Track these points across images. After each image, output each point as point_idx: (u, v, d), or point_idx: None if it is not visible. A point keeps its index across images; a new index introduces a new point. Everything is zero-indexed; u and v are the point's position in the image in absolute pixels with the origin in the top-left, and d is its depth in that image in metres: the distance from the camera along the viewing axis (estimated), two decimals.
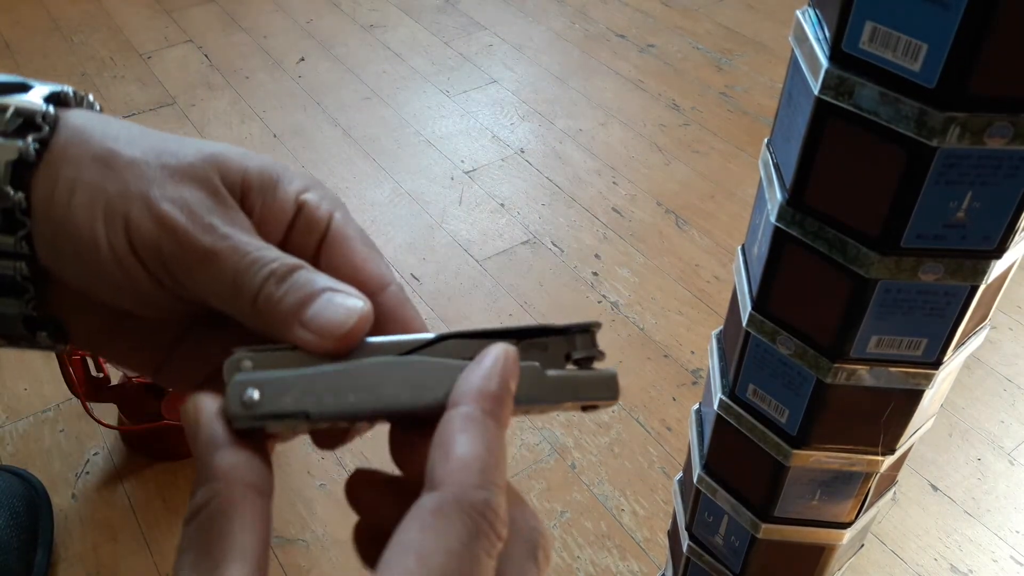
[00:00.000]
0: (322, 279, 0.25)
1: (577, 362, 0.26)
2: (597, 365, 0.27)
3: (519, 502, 0.24)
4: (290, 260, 0.25)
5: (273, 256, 0.25)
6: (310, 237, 0.27)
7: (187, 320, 0.28)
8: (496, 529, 0.21)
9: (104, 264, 0.24)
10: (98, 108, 0.28)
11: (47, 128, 0.25)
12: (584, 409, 0.27)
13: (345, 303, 0.24)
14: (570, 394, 0.25)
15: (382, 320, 0.26)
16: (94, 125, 0.25)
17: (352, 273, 0.27)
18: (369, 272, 0.27)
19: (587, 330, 0.27)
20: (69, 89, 0.27)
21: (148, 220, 0.24)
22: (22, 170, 0.24)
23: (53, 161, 0.24)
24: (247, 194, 0.26)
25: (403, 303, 0.27)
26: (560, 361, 0.26)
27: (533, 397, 0.25)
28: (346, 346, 0.24)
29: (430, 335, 0.25)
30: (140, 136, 0.26)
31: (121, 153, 0.25)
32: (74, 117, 0.25)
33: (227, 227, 0.25)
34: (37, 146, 0.24)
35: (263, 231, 0.26)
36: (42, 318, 0.26)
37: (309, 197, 0.27)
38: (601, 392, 0.26)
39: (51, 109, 0.25)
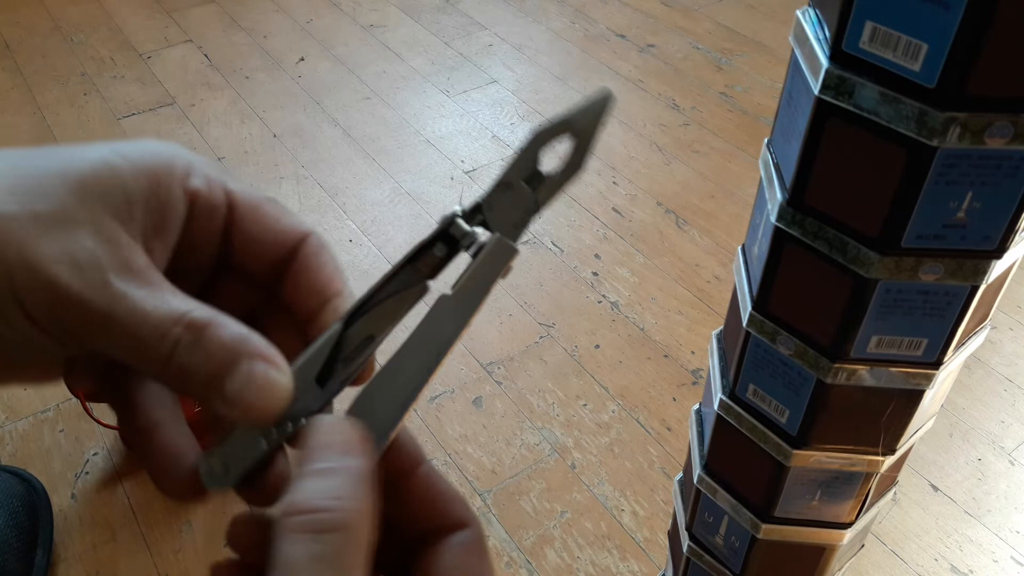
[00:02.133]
0: (233, 337, 0.23)
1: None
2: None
3: None
4: (197, 317, 0.23)
5: (175, 314, 0.23)
6: (213, 221, 0.26)
7: None
8: None
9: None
10: None
11: None
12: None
13: (268, 377, 0.23)
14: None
15: (310, 265, 0.27)
16: None
17: (271, 235, 0.27)
18: (285, 228, 0.27)
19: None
20: None
21: (39, 288, 0.21)
22: None
23: None
24: (133, 212, 0.24)
25: (320, 248, 0.28)
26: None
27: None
28: (269, 418, 0.24)
29: (336, 326, 0.26)
30: None
31: None
32: None
33: (122, 281, 0.22)
34: None
35: (159, 242, 0.25)
36: None
37: (197, 184, 0.26)
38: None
39: None
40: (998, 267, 0.40)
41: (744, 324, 0.49)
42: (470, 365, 1.07)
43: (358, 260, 1.21)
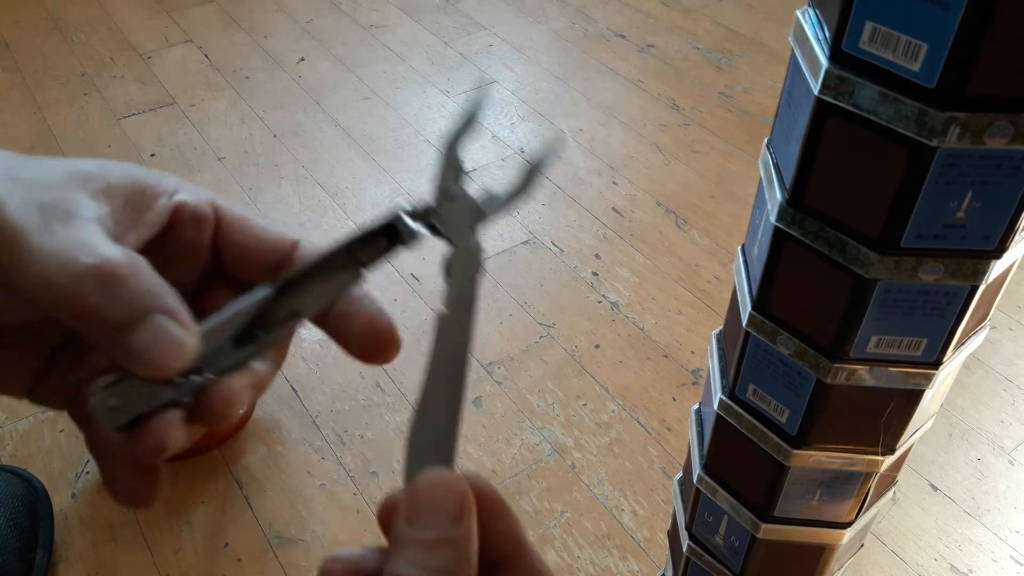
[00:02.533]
0: (149, 289, 0.23)
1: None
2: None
3: None
4: (117, 261, 0.23)
5: (90, 247, 0.23)
6: (201, 231, 0.27)
7: (56, 337, 0.27)
8: None
9: None
10: None
11: None
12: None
13: (176, 335, 0.23)
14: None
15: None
16: None
17: (260, 244, 0.28)
18: (275, 237, 0.28)
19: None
20: None
21: None
22: None
23: None
24: (111, 201, 0.25)
25: (311, 251, 0.29)
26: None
27: None
28: (170, 375, 0.24)
29: (266, 292, 0.26)
30: None
31: None
32: None
33: (62, 225, 0.23)
34: None
35: (132, 235, 0.25)
36: None
37: (185, 197, 0.27)
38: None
39: None
40: (998, 267, 0.40)
41: (744, 324, 0.49)
42: (470, 365, 1.07)
43: None
